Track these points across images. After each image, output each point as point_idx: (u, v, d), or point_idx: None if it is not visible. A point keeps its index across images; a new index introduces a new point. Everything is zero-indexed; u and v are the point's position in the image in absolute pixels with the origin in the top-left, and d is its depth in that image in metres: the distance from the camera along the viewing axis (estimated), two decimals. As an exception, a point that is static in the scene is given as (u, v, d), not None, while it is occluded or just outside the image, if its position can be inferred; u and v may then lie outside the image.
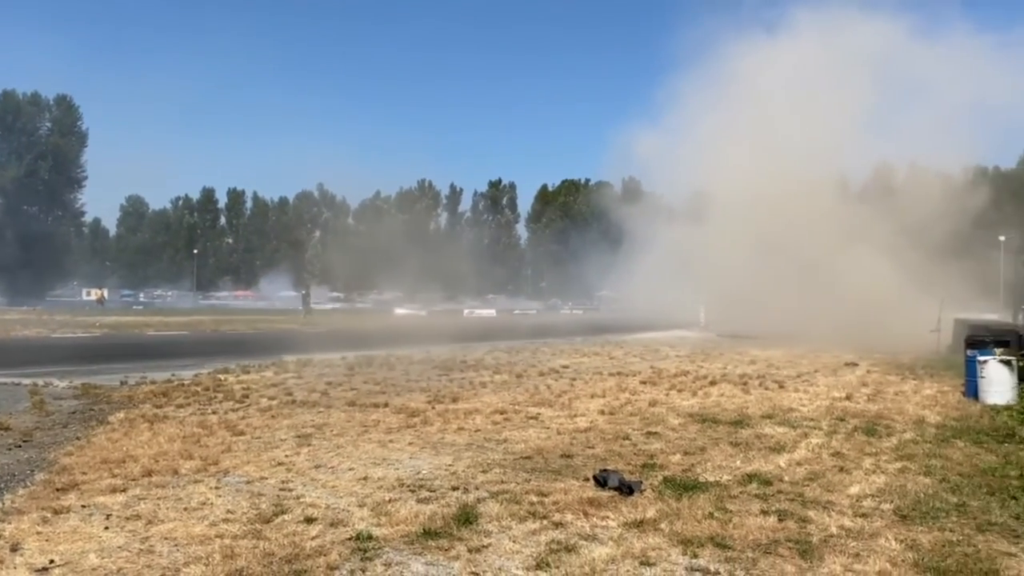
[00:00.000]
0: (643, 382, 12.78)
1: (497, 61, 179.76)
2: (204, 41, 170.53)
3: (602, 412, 9.55)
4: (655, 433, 8.21)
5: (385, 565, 4.24)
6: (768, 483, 6.11)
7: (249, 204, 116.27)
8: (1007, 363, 10.77)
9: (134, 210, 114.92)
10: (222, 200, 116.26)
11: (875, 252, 29.60)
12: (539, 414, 9.36)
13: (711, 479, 6.22)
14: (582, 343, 23.41)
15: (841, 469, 6.68)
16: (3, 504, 5.28)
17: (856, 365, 16.12)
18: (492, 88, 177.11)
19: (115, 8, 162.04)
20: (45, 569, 4.14)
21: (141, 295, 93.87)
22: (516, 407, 9.81)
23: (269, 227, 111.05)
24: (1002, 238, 51.69)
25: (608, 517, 5.14)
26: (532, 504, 5.40)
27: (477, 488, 5.83)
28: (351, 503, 5.42)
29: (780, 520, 5.13)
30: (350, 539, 4.65)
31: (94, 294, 79.36)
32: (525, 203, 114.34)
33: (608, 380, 13.03)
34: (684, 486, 5.95)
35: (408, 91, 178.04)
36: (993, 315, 30.56)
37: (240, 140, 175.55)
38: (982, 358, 10.92)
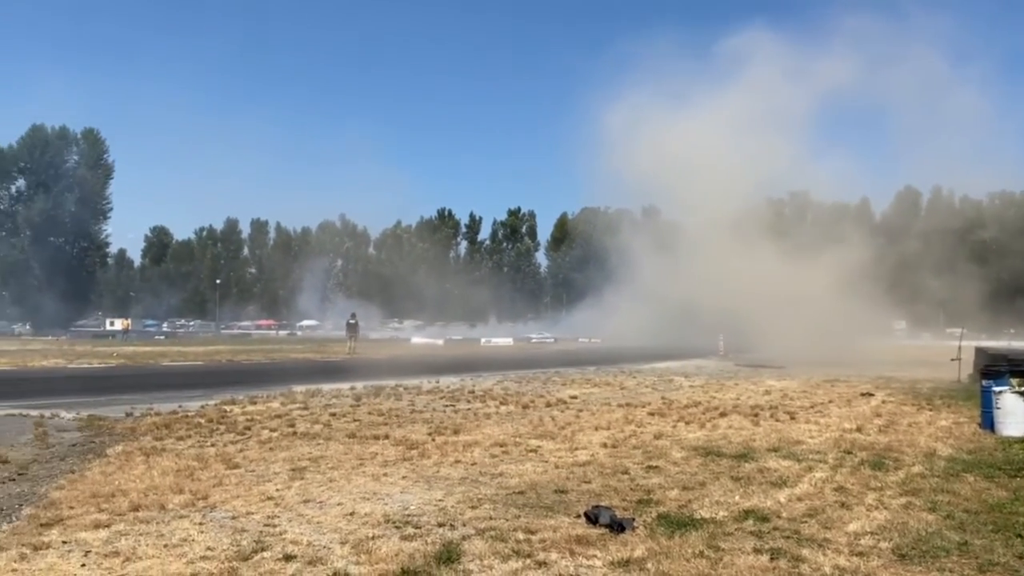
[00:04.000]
0: (651, 413, 12.60)
1: (517, 88, 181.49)
2: (226, 75, 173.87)
3: (604, 445, 9.39)
4: (655, 467, 8.05)
5: (356, 606, 4.14)
6: (765, 519, 5.94)
7: (272, 234, 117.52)
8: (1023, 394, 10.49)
9: (158, 241, 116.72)
10: (245, 230, 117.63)
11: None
12: (539, 447, 9.22)
13: (707, 515, 6.06)
14: (595, 373, 23.21)
15: (842, 505, 6.49)
16: (-17, 540, 5.24)
17: (872, 395, 15.81)
18: (513, 115, 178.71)
19: (137, 43, 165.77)
20: (13, 609, 4.08)
21: (164, 325, 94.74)
22: (517, 439, 9.68)
23: (292, 257, 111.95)
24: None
25: (595, 556, 5.01)
26: (518, 542, 5.28)
27: (464, 524, 5.72)
28: (333, 540, 5.33)
29: (772, 559, 4.97)
30: (326, 578, 4.56)
31: (119, 324, 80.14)
32: (545, 231, 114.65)
33: (615, 411, 12.86)
34: (678, 523, 5.80)
35: (428, 120, 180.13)
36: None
37: (263, 171, 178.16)
38: (997, 388, 10.65)
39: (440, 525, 5.70)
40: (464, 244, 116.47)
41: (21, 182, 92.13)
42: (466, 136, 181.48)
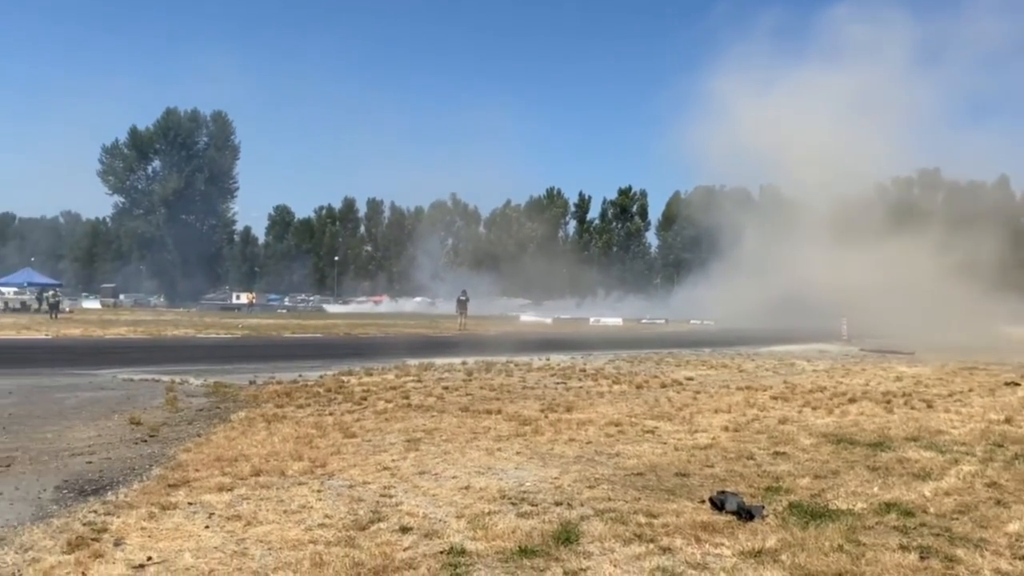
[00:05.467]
0: (774, 397, 12.01)
1: (629, 65, 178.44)
2: (345, 60, 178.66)
3: (726, 428, 8.96)
4: (783, 453, 7.59)
5: (474, 584, 4.00)
6: (910, 514, 5.44)
7: (387, 213, 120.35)
8: None
9: (281, 219, 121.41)
10: (362, 209, 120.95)
11: None
12: (656, 428, 8.90)
13: (843, 507, 5.61)
14: (710, 355, 22.50)
15: (998, 502, 5.88)
16: (116, 498, 5.42)
17: (1018, 384, 14.57)
18: (625, 92, 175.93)
19: (260, 29, 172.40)
20: (142, 566, 4.15)
21: (286, 299, 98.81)
22: (632, 419, 9.38)
23: (405, 235, 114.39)
24: None
25: (722, 544, 4.69)
26: (639, 525, 5.01)
27: (582, 504, 5.50)
28: (449, 513, 5.22)
29: (922, 558, 4.51)
30: (442, 552, 4.44)
31: (244, 297, 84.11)
32: (656, 210, 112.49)
33: (735, 394, 12.33)
34: (812, 513, 5.39)
35: (539, 99, 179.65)
36: None
37: (379, 152, 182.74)
38: None
39: (557, 504, 5.50)
40: (573, 223, 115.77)
41: (157, 163, 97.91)
42: (577, 115, 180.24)
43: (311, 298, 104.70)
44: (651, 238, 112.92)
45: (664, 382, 13.93)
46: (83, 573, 3.98)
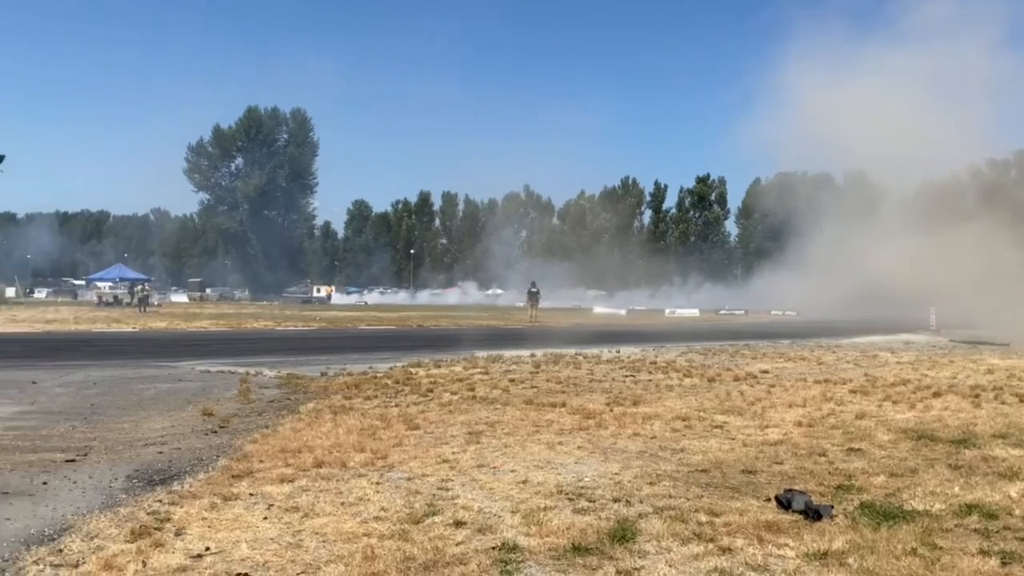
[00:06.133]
0: (853, 391, 11.54)
1: (706, 51, 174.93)
2: (421, 52, 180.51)
3: (799, 423, 8.64)
4: (858, 450, 7.26)
5: (523, 582, 3.92)
6: (993, 516, 5.11)
7: (461, 206, 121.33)
8: None
9: (359, 213, 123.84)
10: (437, 202, 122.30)
11: None
12: (725, 423, 8.64)
13: (920, 507, 5.31)
14: (789, 347, 21.85)
15: (1095, 507, 5.47)
16: (181, 488, 5.56)
17: (1123, 380, 13.63)
18: (702, 79, 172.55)
19: (341, 25, 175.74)
20: (199, 556, 4.22)
21: (364, 292, 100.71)
22: (701, 414, 9.15)
23: (479, 227, 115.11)
24: None
25: (786, 545, 4.48)
26: (700, 524, 4.85)
27: (641, 501, 5.36)
28: (504, 508, 5.16)
29: (1003, 563, 4.21)
30: (494, 548, 4.38)
31: (323, 291, 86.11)
32: (736, 198, 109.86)
33: (812, 388, 11.91)
34: (885, 514, 5.11)
35: (613, 88, 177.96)
36: None
37: (455, 144, 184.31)
38: None
39: (615, 500, 5.38)
40: (648, 213, 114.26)
41: (239, 160, 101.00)
42: (652, 103, 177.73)
43: (388, 290, 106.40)
44: (730, 227, 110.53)
45: (738, 375, 13.57)
46: (143, 562, 4.07)
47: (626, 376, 13.14)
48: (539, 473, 6.13)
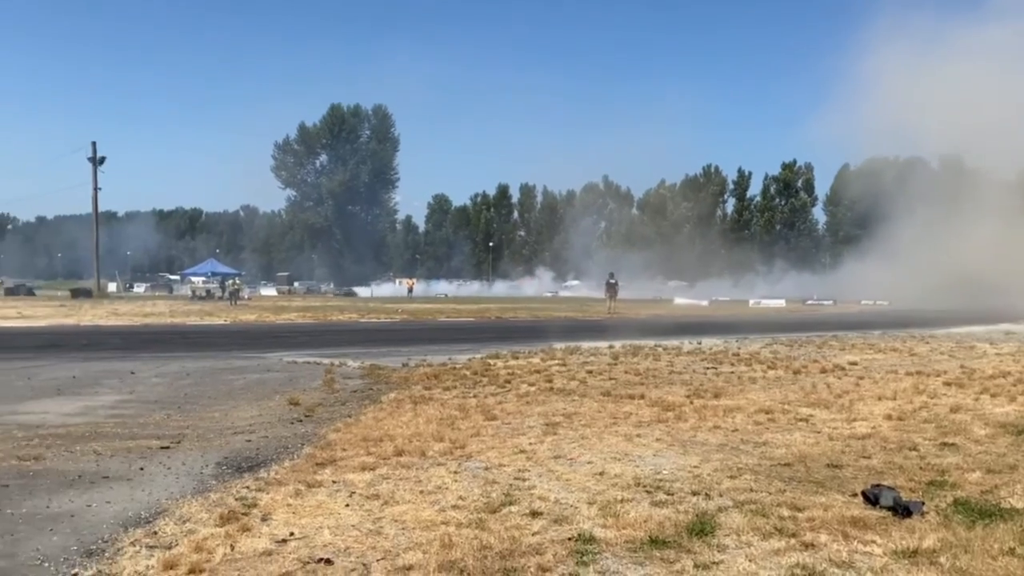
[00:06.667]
0: (947, 383, 11.05)
1: (790, 34, 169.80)
2: (496, 52, 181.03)
3: (889, 417, 8.32)
4: (952, 444, 6.94)
5: (599, 573, 3.90)
6: (1101, 518, 4.81)
7: (539, 198, 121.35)
8: None
9: (439, 207, 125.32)
10: (515, 195, 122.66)
11: None
12: (811, 416, 8.40)
13: (1019, 505, 5.05)
14: (879, 338, 21.06)
15: None
16: (268, 475, 5.75)
17: None
18: (786, 63, 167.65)
19: (415, 24, 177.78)
20: (284, 541, 4.35)
21: (445, 284, 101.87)
22: (785, 407, 8.91)
23: (557, 219, 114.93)
24: None
25: (873, 542, 4.32)
26: (782, 519, 4.72)
27: (720, 495, 5.26)
28: (581, 499, 5.15)
29: (1112, 568, 3.96)
30: (570, 539, 4.37)
31: (406, 283, 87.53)
32: (824, 185, 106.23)
33: (903, 380, 11.45)
34: (980, 512, 4.88)
35: (693, 75, 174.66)
36: None
37: (533, 136, 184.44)
38: None
39: (694, 493, 5.30)
40: (732, 201, 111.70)
41: (324, 157, 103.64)
42: (734, 89, 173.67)
43: (466, 283, 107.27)
44: (817, 214, 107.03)
45: (824, 367, 13.17)
46: (231, 546, 4.23)
47: (707, 368, 12.92)
48: (616, 465, 6.08)
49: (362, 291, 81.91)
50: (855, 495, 5.24)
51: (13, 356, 14.47)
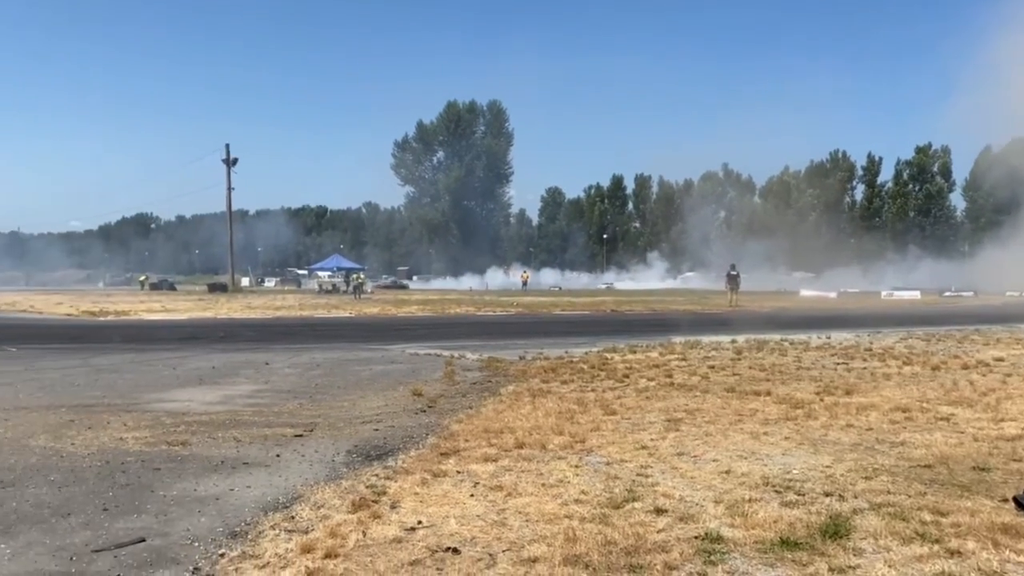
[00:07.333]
0: (1109, 382, 10.16)
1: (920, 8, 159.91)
2: (607, 41, 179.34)
3: (1042, 416, 7.73)
4: (1117, 449, 6.37)
5: (728, 573, 3.81)
6: None
7: (655, 188, 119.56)
8: None
9: (552, 200, 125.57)
10: (630, 186, 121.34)
11: None
12: (952, 415, 7.90)
13: None
14: (1028, 331, 19.59)
15: None
16: (395, 463, 5.93)
17: None
18: (919, 40, 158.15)
19: (528, 17, 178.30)
20: (413, 529, 4.48)
21: (553, 275, 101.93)
22: (924, 405, 8.42)
23: (674, 209, 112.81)
24: None
25: (1028, 552, 4.03)
26: (923, 523, 4.47)
27: (855, 497, 5.03)
28: (706, 497, 5.04)
29: None
30: (697, 537, 4.29)
31: (520, 276, 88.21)
32: (963, 169, 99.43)
33: (1057, 377, 10.61)
34: None
35: (818, 54, 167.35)
36: None
37: (647, 126, 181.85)
38: None
39: (827, 494, 5.09)
40: (861, 188, 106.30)
41: (440, 154, 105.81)
42: (862, 70, 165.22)
43: (582, 276, 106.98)
44: (955, 200, 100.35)
45: (966, 363, 12.37)
46: (363, 532, 4.39)
47: (838, 364, 12.37)
48: (743, 463, 5.92)
49: (471, 283, 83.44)
50: (1005, 500, 4.90)
51: (160, 347, 15.55)
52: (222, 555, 4.05)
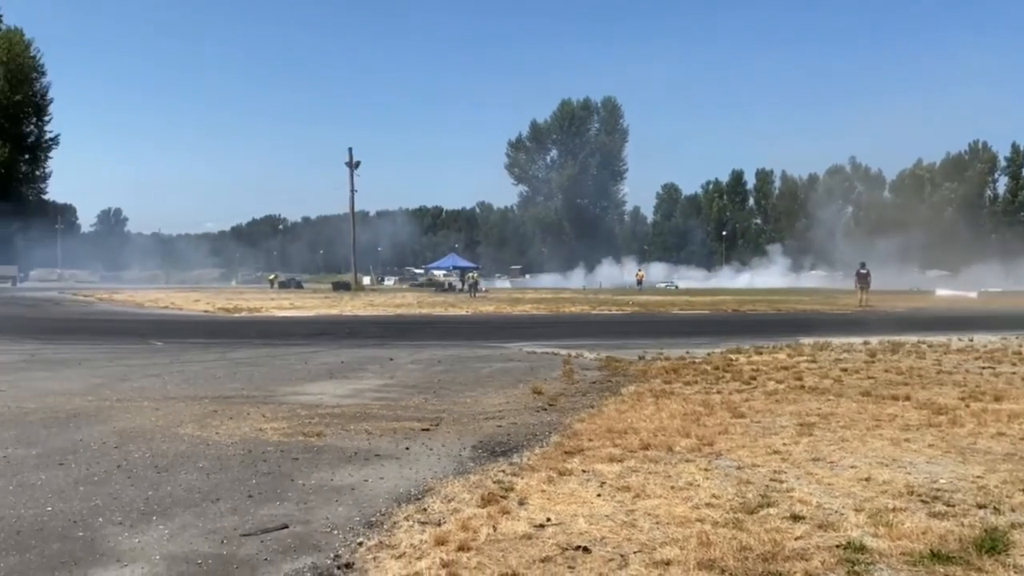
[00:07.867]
0: None
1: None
2: (723, 35, 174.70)
3: None
4: None
5: (875, 586, 3.63)
6: None
7: (777, 183, 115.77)
8: None
9: (668, 197, 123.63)
10: (750, 182, 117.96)
11: None
12: (1121, 425, 7.24)
13: None
14: None
15: None
16: (521, 460, 5.97)
17: None
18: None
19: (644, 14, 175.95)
20: (542, 526, 4.49)
21: (673, 276, 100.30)
22: (1087, 413, 7.76)
23: (798, 205, 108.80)
24: None
25: None
26: (1093, 542, 4.12)
27: (1013, 510, 4.69)
28: (846, 505, 4.82)
29: None
30: (838, 546, 4.10)
31: (636, 275, 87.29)
32: None
33: None
34: None
35: (952, 40, 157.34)
36: None
37: (768, 119, 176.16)
38: None
39: (980, 506, 4.76)
40: (1004, 180, 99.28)
41: (554, 152, 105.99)
42: (1003, 56, 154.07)
43: (698, 273, 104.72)
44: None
45: None
46: (493, 527, 4.44)
47: (983, 368, 11.58)
48: (884, 471, 5.62)
49: (582, 280, 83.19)
50: None
51: (291, 343, 16.30)
52: (360, 544, 4.19)
